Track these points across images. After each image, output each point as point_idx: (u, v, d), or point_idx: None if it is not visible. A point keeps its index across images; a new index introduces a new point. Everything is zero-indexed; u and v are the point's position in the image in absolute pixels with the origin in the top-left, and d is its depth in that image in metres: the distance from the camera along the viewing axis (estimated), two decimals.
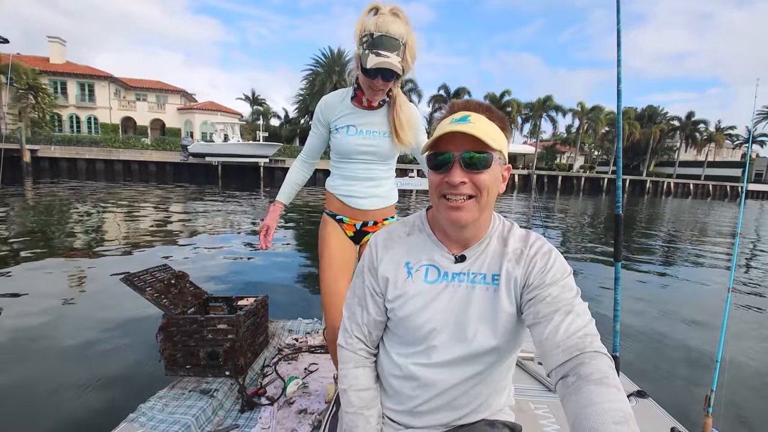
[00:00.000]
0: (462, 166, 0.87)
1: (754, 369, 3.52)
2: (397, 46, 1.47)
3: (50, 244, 7.55)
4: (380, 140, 1.73)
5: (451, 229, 0.97)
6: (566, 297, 0.87)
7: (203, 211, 13.21)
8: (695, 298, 5.86)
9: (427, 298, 0.97)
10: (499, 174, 0.92)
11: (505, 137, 0.92)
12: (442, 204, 0.91)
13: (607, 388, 0.70)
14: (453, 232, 0.98)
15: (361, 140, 1.73)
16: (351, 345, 1.07)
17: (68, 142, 29.61)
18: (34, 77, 30.53)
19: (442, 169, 0.89)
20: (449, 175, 0.87)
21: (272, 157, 30.87)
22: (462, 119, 0.87)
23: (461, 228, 0.94)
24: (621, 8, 1.86)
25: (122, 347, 3.40)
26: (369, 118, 1.73)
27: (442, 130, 0.87)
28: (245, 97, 52.78)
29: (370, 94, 1.65)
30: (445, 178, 0.88)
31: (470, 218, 0.90)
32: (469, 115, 0.88)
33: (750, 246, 11.49)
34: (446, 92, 44.24)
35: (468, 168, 0.87)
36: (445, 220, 0.93)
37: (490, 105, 0.94)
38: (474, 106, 0.92)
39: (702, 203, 34.35)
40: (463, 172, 0.87)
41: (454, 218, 0.90)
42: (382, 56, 1.45)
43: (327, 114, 1.79)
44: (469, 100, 0.95)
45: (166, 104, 41.87)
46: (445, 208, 0.90)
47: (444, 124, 0.89)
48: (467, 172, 0.87)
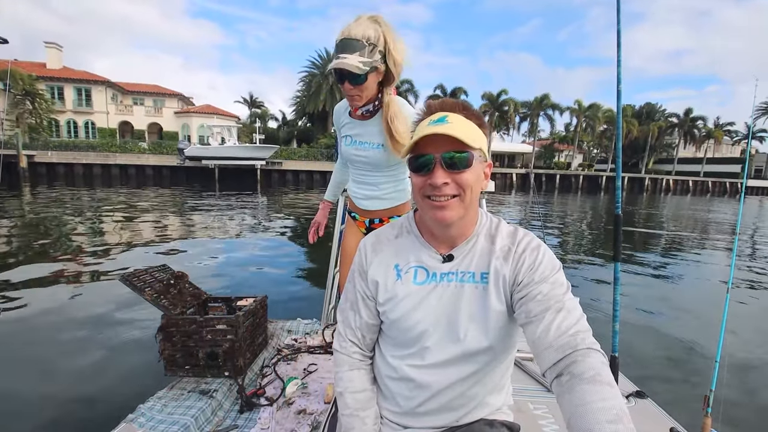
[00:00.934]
0: (443, 166, 0.87)
1: (753, 369, 3.52)
2: (359, 47, 1.45)
3: (48, 245, 7.55)
4: (372, 152, 1.75)
5: (437, 228, 0.97)
6: (556, 294, 0.87)
7: (201, 212, 13.20)
8: (694, 298, 5.87)
9: (417, 300, 0.97)
10: (480, 171, 0.93)
11: (484, 134, 0.93)
12: (426, 204, 0.92)
13: (600, 385, 0.70)
14: (439, 232, 0.98)
15: (354, 150, 1.78)
16: (345, 348, 1.08)
17: (65, 147, 29.54)
18: (30, 83, 30.50)
19: (424, 171, 0.89)
20: (431, 177, 0.88)
21: (269, 160, 30.87)
22: (440, 120, 0.88)
23: (447, 227, 0.94)
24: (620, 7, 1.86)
25: (121, 347, 3.40)
26: (363, 128, 1.75)
27: (420, 133, 0.88)
28: (243, 99, 52.91)
29: (348, 101, 1.66)
30: (427, 180, 0.89)
31: (455, 216, 0.91)
32: (446, 116, 0.89)
33: (750, 244, 11.49)
34: (443, 92, 44.23)
35: (449, 168, 0.87)
36: (431, 220, 0.94)
37: (467, 103, 0.94)
38: (450, 105, 0.92)
39: (701, 200, 34.37)
40: (445, 173, 0.88)
41: (439, 217, 0.90)
42: (339, 58, 1.46)
43: (336, 123, 1.89)
44: (444, 99, 0.94)
45: (163, 108, 41.81)
46: (430, 208, 0.91)
47: (422, 126, 0.90)
48: (449, 173, 0.88)
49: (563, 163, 51.87)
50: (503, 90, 43.64)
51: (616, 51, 1.87)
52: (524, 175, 42.26)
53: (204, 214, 12.91)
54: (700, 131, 51.90)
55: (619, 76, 1.89)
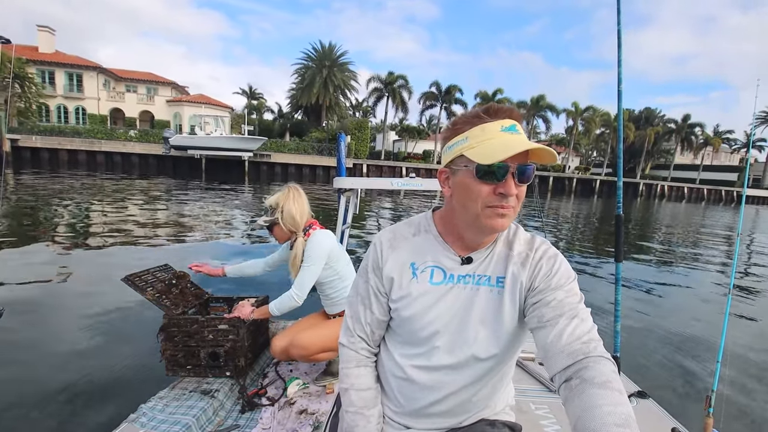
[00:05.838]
0: (515, 177, 0.85)
1: (755, 370, 3.55)
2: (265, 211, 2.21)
3: (43, 239, 7.43)
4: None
5: (480, 235, 0.94)
6: (571, 302, 0.87)
7: (199, 209, 13.06)
8: (696, 299, 5.89)
9: (432, 300, 0.97)
10: None
11: None
12: (488, 212, 0.87)
13: (610, 391, 0.70)
14: (479, 238, 0.96)
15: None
16: (353, 344, 1.07)
17: (50, 132, 28.81)
18: (20, 66, 29.86)
19: (494, 179, 0.85)
20: (504, 186, 0.85)
21: (257, 152, 30.19)
22: (512, 128, 0.86)
23: (493, 234, 0.94)
24: (623, 9, 1.87)
25: (123, 348, 3.37)
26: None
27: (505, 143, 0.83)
28: (242, 91, 52.39)
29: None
30: (498, 189, 0.85)
31: (509, 224, 0.91)
32: (515, 124, 0.87)
33: (748, 250, 11.58)
34: (438, 89, 44.18)
35: (519, 180, 0.86)
36: (486, 227, 0.89)
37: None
38: (517, 115, 0.89)
39: (696, 207, 34.37)
40: (515, 184, 0.86)
41: (499, 226, 0.88)
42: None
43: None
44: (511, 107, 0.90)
45: (155, 96, 41.14)
46: (493, 216, 0.87)
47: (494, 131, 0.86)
48: (518, 185, 0.87)
49: (559, 166, 51.99)
50: (498, 89, 43.46)
51: (617, 50, 1.88)
52: None
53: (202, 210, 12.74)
54: (698, 138, 51.97)
55: (620, 75, 1.90)
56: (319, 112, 42.44)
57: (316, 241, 2.15)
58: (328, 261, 2.18)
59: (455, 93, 43.58)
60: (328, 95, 41.17)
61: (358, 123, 37.51)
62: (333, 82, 41.04)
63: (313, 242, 2.15)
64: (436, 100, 44.63)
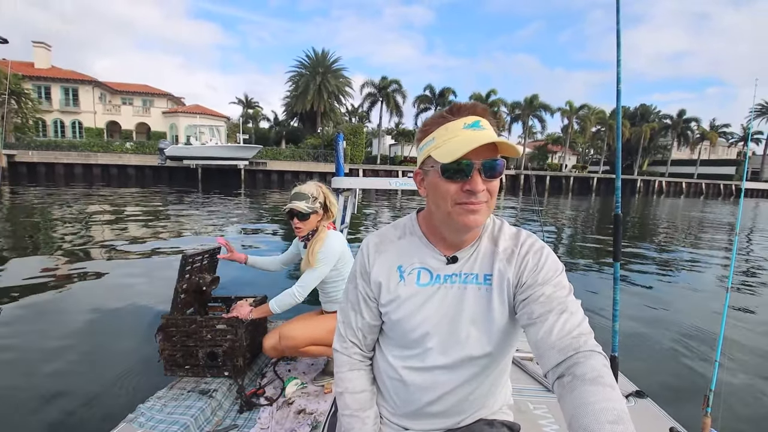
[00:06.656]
0: (481, 173, 0.85)
1: (753, 369, 3.52)
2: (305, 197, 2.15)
3: (42, 247, 7.43)
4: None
5: (458, 233, 0.94)
6: (559, 296, 0.86)
7: (196, 213, 13.06)
8: (694, 298, 5.86)
9: (420, 301, 0.97)
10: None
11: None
12: (458, 210, 0.87)
13: (602, 387, 0.70)
14: (457, 237, 0.96)
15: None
16: (346, 349, 1.08)
17: (47, 147, 28.79)
18: (16, 82, 29.89)
19: (460, 177, 0.85)
20: (471, 184, 0.85)
21: (252, 160, 30.35)
22: (475, 125, 0.86)
23: (469, 231, 0.93)
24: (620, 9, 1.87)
25: (121, 347, 3.37)
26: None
27: (465, 138, 0.83)
28: (238, 100, 52.53)
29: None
30: (464, 186, 0.85)
31: (483, 221, 0.90)
32: (479, 120, 0.86)
33: (747, 245, 11.49)
34: (431, 92, 44.24)
35: (485, 175, 0.86)
36: (459, 225, 0.89)
37: (490, 108, 0.92)
38: (481, 110, 0.88)
39: (695, 202, 34.20)
40: (483, 180, 0.85)
41: (471, 222, 0.88)
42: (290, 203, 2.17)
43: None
44: (475, 103, 0.91)
45: (151, 108, 41.24)
46: (464, 213, 0.87)
47: (457, 129, 0.86)
48: (485, 180, 0.86)
49: (557, 165, 52.10)
50: (492, 90, 43.49)
51: (616, 50, 1.89)
52: (513, 176, 42.44)
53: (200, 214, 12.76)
54: (694, 133, 51.92)
55: (619, 75, 1.90)
56: (314, 118, 42.45)
57: (330, 243, 2.18)
58: (336, 263, 2.21)
59: (449, 95, 43.63)
60: (323, 102, 41.18)
61: (353, 128, 37.63)
62: (327, 89, 41.10)
63: (328, 244, 2.18)
64: (431, 103, 44.60)
